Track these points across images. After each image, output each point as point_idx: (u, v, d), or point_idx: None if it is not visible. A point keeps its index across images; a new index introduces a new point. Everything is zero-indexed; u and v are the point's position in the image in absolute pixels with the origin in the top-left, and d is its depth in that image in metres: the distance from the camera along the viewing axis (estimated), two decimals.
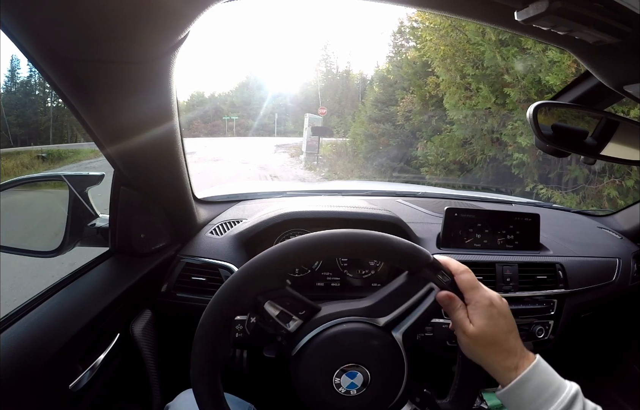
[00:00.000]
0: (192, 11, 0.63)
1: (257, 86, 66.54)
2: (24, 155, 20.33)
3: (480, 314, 0.70)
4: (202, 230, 1.40)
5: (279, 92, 64.00)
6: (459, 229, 1.44)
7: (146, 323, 1.13)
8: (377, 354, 0.73)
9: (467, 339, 0.70)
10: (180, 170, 1.10)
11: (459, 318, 0.71)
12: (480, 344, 0.69)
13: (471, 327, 0.69)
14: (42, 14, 0.57)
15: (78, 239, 1.12)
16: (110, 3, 0.56)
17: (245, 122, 59.51)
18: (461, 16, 0.72)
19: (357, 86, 47.30)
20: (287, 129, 53.34)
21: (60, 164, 19.09)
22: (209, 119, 63.21)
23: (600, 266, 1.56)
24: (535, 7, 0.55)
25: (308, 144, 19.77)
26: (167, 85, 0.80)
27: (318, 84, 52.28)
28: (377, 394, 0.75)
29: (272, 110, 59.38)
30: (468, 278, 0.73)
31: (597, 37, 0.61)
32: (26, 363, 0.75)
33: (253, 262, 0.68)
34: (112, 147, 0.92)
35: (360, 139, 17.18)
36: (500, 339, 0.69)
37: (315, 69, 57.70)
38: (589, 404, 0.65)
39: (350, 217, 1.32)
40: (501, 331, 0.70)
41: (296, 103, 56.39)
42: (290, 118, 56.80)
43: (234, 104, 63.50)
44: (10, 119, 31.00)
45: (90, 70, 0.69)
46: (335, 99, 45.56)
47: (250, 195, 1.76)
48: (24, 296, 0.89)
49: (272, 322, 0.72)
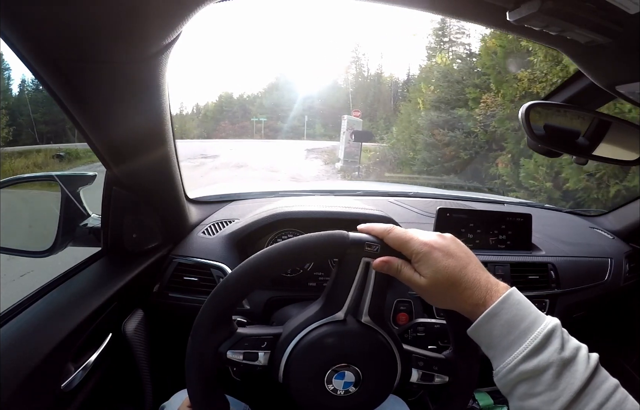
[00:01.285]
0: (183, 11, 0.63)
1: (287, 88, 63.27)
2: (40, 154, 19.62)
3: (425, 263, 0.65)
4: (195, 230, 1.39)
5: (308, 94, 59.96)
6: (451, 228, 1.44)
7: (138, 323, 1.13)
8: (355, 344, 0.73)
9: (424, 292, 0.66)
10: (172, 170, 1.10)
11: (406, 276, 0.67)
12: (438, 291, 0.65)
13: (422, 279, 0.65)
14: (33, 14, 0.56)
15: (70, 239, 1.11)
16: (101, 4, 0.56)
17: (274, 124, 57.08)
18: (454, 16, 0.72)
19: (390, 89, 46.50)
20: (316, 132, 50.86)
21: (77, 163, 18.01)
22: (237, 120, 61.12)
23: (592, 266, 1.57)
24: (527, 7, 0.55)
25: (346, 150, 17.56)
26: (159, 85, 0.80)
27: (349, 86, 51.16)
28: (375, 382, 0.74)
29: (302, 112, 55.47)
30: (397, 234, 0.68)
31: (588, 37, 0.61)
32: (18, 363, 0.75)
33: (198, 320, 0.68)
34: (103, 147, 0.92)
35: (404, 145, 15.39)
36: (456, 278, 0.63)
37: (345, 70, 57.09)
38: (572, 341, 0.57)
39: (343, 217, 1.32)
40: (453, 270, 0.64)
41: (326, 105, 54.03)
42: (320, 121, 53.79)
43: (262, 105, 60.86)
44: (37, 116, 30.20)
45: (81, 70, 0.69)
46: (367, 102, 44.75)
47: (243, 195, 1.76)
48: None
49: (243, 366, 0.72)
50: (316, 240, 0.69)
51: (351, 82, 51.75)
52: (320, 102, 56.09)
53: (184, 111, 67.11)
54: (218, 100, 66.77)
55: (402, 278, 0.67)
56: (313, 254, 0.72)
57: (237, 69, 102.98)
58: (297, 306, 1.08)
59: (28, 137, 28.47)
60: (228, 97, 66.76)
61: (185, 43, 0.74)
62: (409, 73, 45.55)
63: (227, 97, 67.01)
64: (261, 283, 0.74)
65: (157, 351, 1.20)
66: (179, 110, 65.56)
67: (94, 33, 0.61)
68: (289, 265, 0.79)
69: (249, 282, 0.69)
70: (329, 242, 0.69)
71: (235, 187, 1.97)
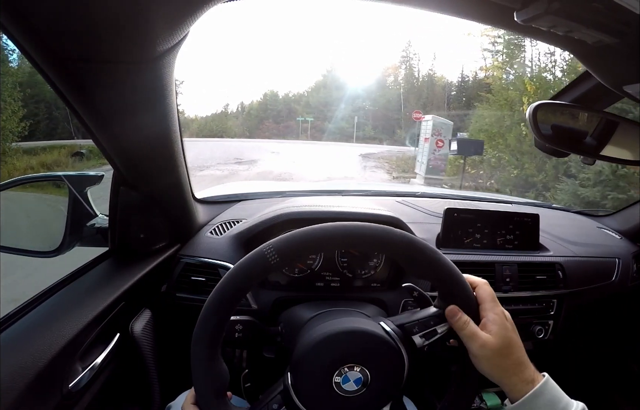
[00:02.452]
0: (191, 11, 0.63)
1: (335, 86, 58.05)
2: (57, 150, 18.93)
3: (499, 324, 0.71)
4: (202, 230, 1.40)
5: (357, 93, 55.17)
6: (458, 229, 1.45)
7: (146, 323, 1.13)
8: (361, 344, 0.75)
9: (485, 350, 0.70)
10: (179, 170, 1.10)
11: (472, 331, 0.71)
12: (496, 354, 0.69)
13: (490, 337, 0.70)
14: (41, 14, 0.56)
15: (77, 239, 1.12)
16: (108, 3, 0.56)
17: (320, 125, 53.18)
18: (461, 16, 0.72)
19: (443, 91, 44.91)
20: (365, 135, 48.17)
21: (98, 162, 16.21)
22: (282, 119, 57.70)
23: (599, 266, 1.56)
24: (535, 7, 0.55)
25: (431, 162, 13.50)
26: (166, 85, 0.80)
27: (400, 86, 48.71)
28: (383, 381, 0.75)
29: (350, 112, 51.29)
30: (490, 290, 0.76)
31: (596, 37, 0.61)
32: (26, 363, 0.75)
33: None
34: (111, 147, 0.92)
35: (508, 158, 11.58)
36: (517, 350, 0.70)
37: (394, 70, 53.77)
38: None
39: (351, 217, 1.31)
40: (516, 343, 0.71)
41: (377, 106, 50.80)
42: (370, 122, 50.61)
43: (309, 104, 57.34)
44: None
45: (89, 70, 0.69)
46: (419, 103, 42.79)
47: (250, 195, 1.76)
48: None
49: None
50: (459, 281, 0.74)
51: (403, 82, 49.26)
52: (371, 103, 52.64)
53: (229, 109, 63.81)
54: (263, 98, 63.37)
55: (467, 331, 0.72)
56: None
57: (283, 66, 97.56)
58: (305, 307, 1.09)
59: (64, 132, 28.09)
60: (273, 96, 62.87)
61: (230, 39, 0.75)
62: (475, 74, 43.34)
63: (272, 95, 63.19)
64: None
65: (164, 351, 1.21)
66: (225, 108, 62.98)
67: (101, 33, 0.61)
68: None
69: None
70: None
71: (242, 187, 1.97)
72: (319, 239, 0.73)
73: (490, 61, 38.71)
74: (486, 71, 38.87)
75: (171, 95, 0.85)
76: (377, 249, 0.89)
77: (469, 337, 0.71)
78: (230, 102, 77.01)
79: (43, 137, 23.38)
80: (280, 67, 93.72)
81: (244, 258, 0.70)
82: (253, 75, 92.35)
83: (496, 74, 24.37)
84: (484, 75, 39.60)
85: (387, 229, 0.72)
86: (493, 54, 37.08)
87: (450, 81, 47.14)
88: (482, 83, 38.59)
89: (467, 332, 0.71)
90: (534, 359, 0.72)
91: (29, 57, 0.66)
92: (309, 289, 1.31)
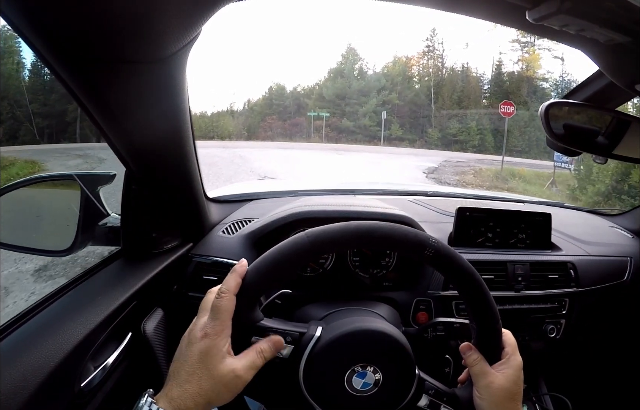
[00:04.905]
0: (203, 10, 0.63)
1: (356, 74, 44.96)
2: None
3: (514, 369, 0.75)
4: (214, 229, 1.40)
5: (382, 84, 42.21)
6: (470, 228, 1.45)
7: (158, 322, 1.14)
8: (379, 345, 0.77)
9: (491, 389, 0.73)
10: (192, 169, 1.11)
11: (483, 370, 0.75)
12: (505, 395, 0.72)
13: (502, 378, 0.73)
14: (54, 14, 0.57)
15: (89, 238, 1.13)
16: (122, 3, 0.57)
17: (337, 122, 41.08)
18: (472, 15, 0.72)
19: (479, 84, 40.76)
20: (392, 134, 38.79)
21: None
22: (289, 115, 44.80)
23: (611, 265, 1.56)
24: (546, 6, 0.55)
25: None
26: (179, 84, 0.81)
27: (430, 78, 42.37)
28: (393, 385, 0.76)
29: (375, 107, 39.94)
30: (514, 339, 0.79)
31: (608, 36, 0.61)
32: (38, 362, 0.76)
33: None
34: (123, 146, 0.93)
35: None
36: (519, 398, 0.74)
37: (420, 58, 44.58)
38: None
39: (363, 216, 1.31)
40: (520, 397, 0.75)
41: (404, 101, 40.91)
42: (397, 120, 40.02)
43: (322, 96, 43.49)
44: (34, 107, 28.88)
45: (102, 70, 0.70)
46: (453, 98, 39.16)
47: (262, 194, 1.76)
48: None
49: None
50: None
51: (434, 74, 42.83)
52: (397, 96, 41.54)
53: (235, 107, 50.22)
54: (268, 92, 48.99)
55: (478, 369, 0.75)
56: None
57: (291, 53, 79.15)
58: (317, 306, 1.09)
59: (94, 135, 26.80)
60: (280, 89, 48.05)
61: (237, 33, 0.75)
62: (512, 66, 38.82)
63: (278, 88, 48.17)
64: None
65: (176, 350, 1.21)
66: (229, 107, 50.10)
67: (114, 31, 0.62)
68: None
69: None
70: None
71: (254, 187, 1.98)
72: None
73: (521, 53, 37.05)
74: (524, 62, 37.20)
75: (183, 94, 0.85)
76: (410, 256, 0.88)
77: (477, 374, 0.75)
78: (236, 101, 67.06)
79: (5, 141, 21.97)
80: (288, 54, 76.61)
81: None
82: (252, 70, 78.03)
83: (535, 66, 23.67)
84: (519, 68, 37.70)
85: (439, 243, 0.73)
86: (523, 46, 35.70)
87: (484, 73, 42.46)
88: (523, 76, 36.93)
89: (477, 369, 0.75)
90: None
91: (42, 58, 0.67)
92: (320, 288, 1.32)
